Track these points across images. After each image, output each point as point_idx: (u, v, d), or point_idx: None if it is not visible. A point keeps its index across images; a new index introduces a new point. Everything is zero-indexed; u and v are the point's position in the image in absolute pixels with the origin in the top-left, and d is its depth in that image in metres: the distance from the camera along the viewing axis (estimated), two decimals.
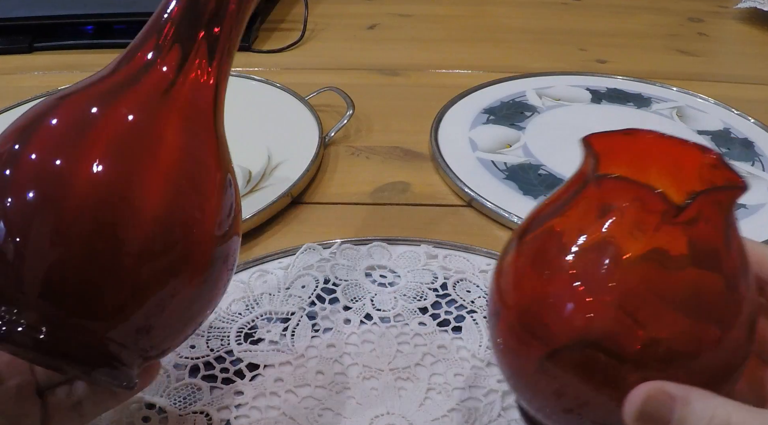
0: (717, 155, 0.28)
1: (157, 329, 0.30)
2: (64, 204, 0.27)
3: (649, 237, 0.25)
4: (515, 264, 0.30)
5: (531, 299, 0.28)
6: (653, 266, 0.26)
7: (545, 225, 0.29)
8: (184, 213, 0.29)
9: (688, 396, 0.25)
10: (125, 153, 0.29)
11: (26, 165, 0.28)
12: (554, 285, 0.27)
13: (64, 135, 0.28)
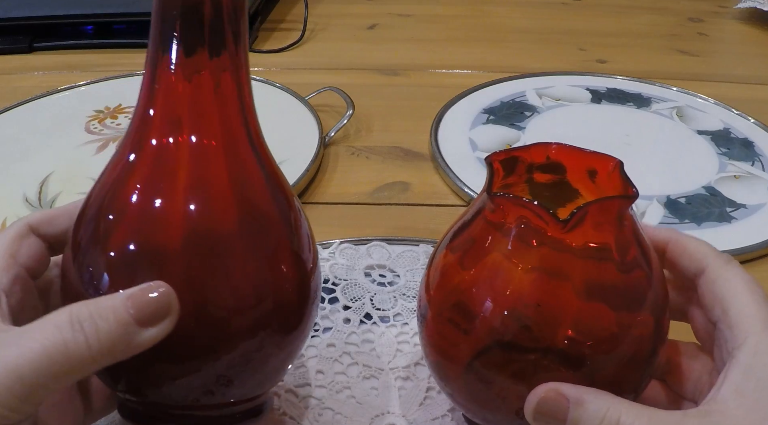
0: (616, 163, 0.31)
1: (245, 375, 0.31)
2: (163, 255, 0.28)
3: (542, 247, 0.28)
4: (437, 272, 0.32)
5: (451, 306, 0.30)
6: (546, 273, 0.28)
7: (455, 240, 0.32)
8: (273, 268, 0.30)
9: (581, 397, 0.27)
10: (207, 201, 0.29)
11: (126, 219, 0.28)
12: (465, 293, 0.30)
13: (156, 185, 0.29)
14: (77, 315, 0.25)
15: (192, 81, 0.28)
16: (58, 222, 0.32)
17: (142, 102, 0.30)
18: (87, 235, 0.29)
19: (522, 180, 0.33)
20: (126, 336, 0.25)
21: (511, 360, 0.29)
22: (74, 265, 0.29)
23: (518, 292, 0.28)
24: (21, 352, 0.24)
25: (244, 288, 0.29)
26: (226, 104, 0.29)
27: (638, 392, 0.31)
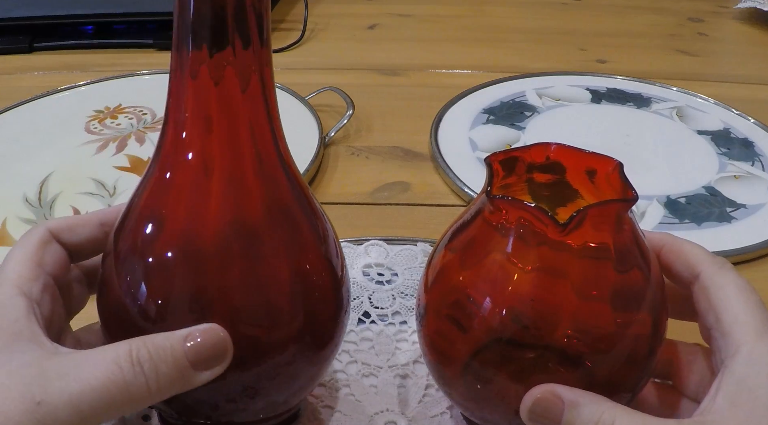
0: (616, 165, 0.31)
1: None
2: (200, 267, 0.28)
3: (540, 249, 0.28)
4: (436, 272, 0.32)
5: (450, 305, 0.31)
6: (544, 274, 0.28)
7: (454, 240, 0.32)
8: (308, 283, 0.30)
9: (577, 400, 0.27)
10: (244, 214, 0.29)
11: (166, 230, 0.29)
12: (463, 293, 0.30)
13: (192, 195, 0.29)
14: (137, 355, 0.25)
15: (220, 82, 0.28)
16: (80, 231, 0.32)
17: (172, 108, 0.29)
18: (128, 243, 0.29)
19: (521, 180, 0.33)
20: (182, 379, 0.26)
21: (509, 359, 0.29)
22: (116, 273, 0.29)
23: (516, 292, 0.29)
24: (82, 387, 0.24)
25: (281, 299, 0.29)
26: (254, 106, 0.29)
27: (635, 391, 0.31)
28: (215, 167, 0.28)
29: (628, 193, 0.29)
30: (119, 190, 0.56)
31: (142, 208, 0.29)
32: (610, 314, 0.29)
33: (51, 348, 0.26)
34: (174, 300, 0.28)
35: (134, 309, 0.28)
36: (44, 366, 0.25)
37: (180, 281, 0.28)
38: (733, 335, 0.28)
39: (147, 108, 0.69)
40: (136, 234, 0.29)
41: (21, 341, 0.26)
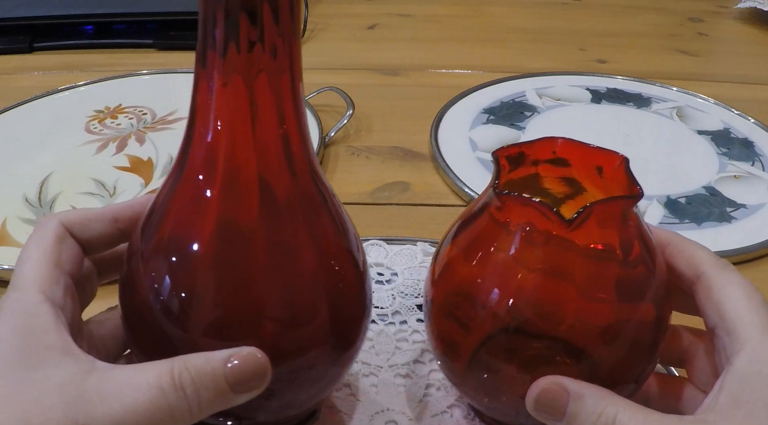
0: (622, 160, 0.31)
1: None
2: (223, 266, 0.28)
3: (546, 244, 0.28)
4: (443, 264, 0.33)
5: (456, 297, 0.31)
6: (549, 268, 0.29)
7: (461, 233, 0.32)
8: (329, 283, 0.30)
9: (581, 392, 0.27)
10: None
11: (194, 234, 0.28)
12: (470, 285, 0.31)
13: (216, 194, 0.28)
14: (179, 380, 0.25)
15: (249, 82, 0.27)
16: (93, 226, 0.31)
17: (199, 108, 0.28)
18: (156, 245, 0.29)
19: (528, 174, 0.34)
20: (222, 402, 0.26)
21: (515, 350, 0.30)
22: (143, 273, 0.29)
23: (522, 284, 0.29)
24: (125, 411, 0.24)
25: (307, 294, 0.29)
26: (281, 104, 0.28)
27: (639, 382, 0.31)
28: (243, 166, 0.28)
29: (634, 189, 0.29)
30: (119, 190, 0.56)
31: (170, 210, 0.29)
32: (615, 307, 0.29)
33: (87, 363, 0.26)
34: (202, 299, 0.28)
35: (161, 309, 0.28)
36: (84, 385, 0.24)
37: (210, 281, 0.28)
38: (737, 333, 0.28)
39: (147, 108, 0.69)
40: (164, 235, 0.29)
41: (55, 354, 0.25)
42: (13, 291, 0.27)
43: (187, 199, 0.29)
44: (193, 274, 0.28)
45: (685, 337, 0.33)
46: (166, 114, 0.67)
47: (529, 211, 0.28)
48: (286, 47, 0.27)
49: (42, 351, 0.25)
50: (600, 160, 0.32)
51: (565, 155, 0.33)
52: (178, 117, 0.67)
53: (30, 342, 0.25)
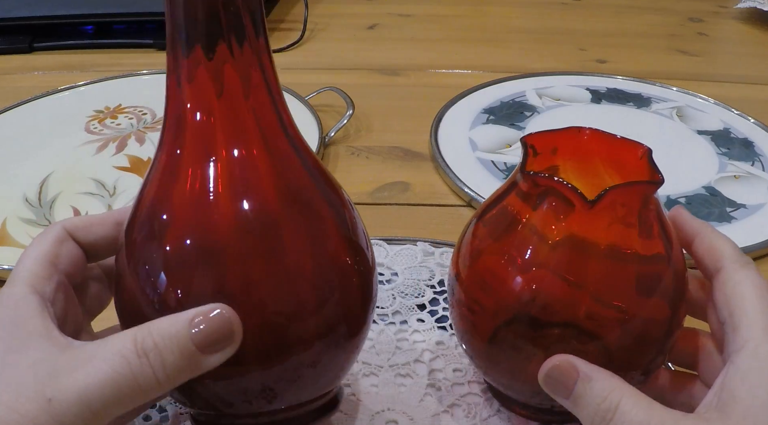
0: (645, 150, 0.32)
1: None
2: (218, 252, 0.27)
3: (569, 224, 0.29)
4: (468, 245, 0.34)
5: (478, 277, 0.33)
6: (572, 249, 0.30)
7: (488, 214, 0.33)
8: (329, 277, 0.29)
9: (590, 374, 0.28)
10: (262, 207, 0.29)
11: (179, 218, 0.28)
12: (495, 266, 0.32)
13: (205, 183, 0.28)
14: (142, 345, 0.25)
15: (217, 75, 0.28)
16: (96, 230, 0.31)
17: (171, 104, 0.29)
18: (141, 236, 0.28)
19: (554, 160, 0.35)
20: (190, 365, 0.26)
21: (532, 333, 0.31)
22: (130, 266, 0.28)
23: (544, 266, 0.30)
24: (89, 381, 0.24)
25: (304, 286, 0.28)
26: (258, 96, 0.29)
27: (649, 372, 0.32)
28: (221, 156, 0.28)
29: (655, 176, 0.30)
30: (119, 189, 0.56)
31: (151, 202, 0.29)
32: (631, 294, 0.30)
33: (64, 343, 0.26)
34: (189, 291, 0.27)
35: (149, 304, 0.28)
36: (56, 362, 0.25)
37: (194, 272, 0.27)
38: (741, 330, 0.28)
39: (147, 108, 0.69)
40: (146, 228, 0.28)
41: (34, 338, 0.26)
42: (7, 286, 0.28)
43: (165, 193, 0.28)
44: (178, 269, 0.27)
45: (699, 338, 0.33)
46: None
47: (554, 192, 0.29)
48: (252, 44, 0.28)
49: (23, 337, 0.26)
50: (624, 150, 0.33)
51: (591, 143, 0.34)
52: None
53: (13, 330, 0.26)
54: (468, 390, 0.38)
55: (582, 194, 0.28)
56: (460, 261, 0.34)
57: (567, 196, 0.29)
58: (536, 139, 0.33)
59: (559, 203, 0.30)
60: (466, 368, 0.40)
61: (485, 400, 0.38)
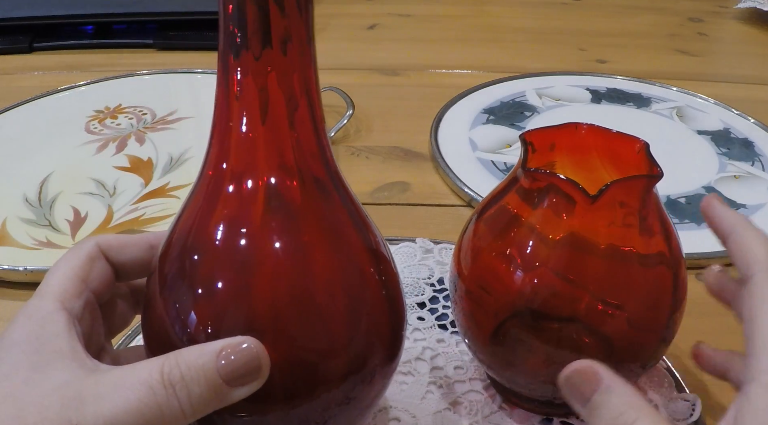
0: (642, 145, 0.32)
1: None
2: (252, 294, 0.27)
3: (570, 220, 0.30)
4: (469, 242, 0.34)
5: (479, 273, 0.33)
6: (573, 245, 0.30)
7: (488, 211, 0.34)
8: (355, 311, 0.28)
9: (612, 385, 0.26)
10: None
11: (213, 257, 0.27)
12: (497, 263, 0.32)
13: (241, 219, 0.27)
14: (169, 376, 0.24)
15: (263, 89, 0.26)
16: (129, 251, 0.31)
17: (218, 120, 0.27)
18: (175, 268, 0.28)
19: (553, 157, 0.35)
20: (216, 397, 0.25)
21: (536, 326, 0.31)
22: (161, 295, 0.28)
23: (545, 261, 0.30)
24: (115, 411, 0.24)
25: (337, 317, 0.28)
26: (302, 121, 0.27)
27: (648, 365, 0.33)
28: (261, 186, 0.27)
29: (654, 170, 0.30)
30: (119, 190, 0.56)
31: (187, 232, 0.28)
32: (632, 289, 0.30)
33: (91, 366, 0.26)
34: (220, 328, 0.27)
35: (178, 336, 0.27)
36: (82, 387, 0.24)
37: (225, 308, 0.27)
38: (758, 358, 0.26)
39: (147, 108, 0.69)
40: (180, 260, 0.28)
41: (61, 358, 0.25)
42: (35, 299, 0.28)
43: (203, 223, 0.27)
44: (211, 299, 0.27)
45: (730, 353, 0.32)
46: (166, 114, 0.67)
47: (555, 187, 0.30)
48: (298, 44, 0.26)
49: (49, 355, 0.25)
50: (622, 145, 0.33)
51: (589, 139, 0.34)
52: (178, 117, 0.67)
53: (39, 346, 0.26)
54: (469, 387, 0.38)
55: (584, 189, 0.29)
56: (462, 259, 0.34)
57: (568, 192, 0.29)
58: (534, 135, 0.33)
59: (560, 199, 0.30)
60: (467, 365, 0.40)
61: (487, 397, 0.38)
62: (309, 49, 0.26)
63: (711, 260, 0.49)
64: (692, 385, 0.38)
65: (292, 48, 0.25)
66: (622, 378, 0.27)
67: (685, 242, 0.33)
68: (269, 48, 0.25)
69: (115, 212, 0.53)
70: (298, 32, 0.25)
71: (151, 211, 0.53)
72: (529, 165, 0.32)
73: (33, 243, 0.49)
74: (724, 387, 0.39)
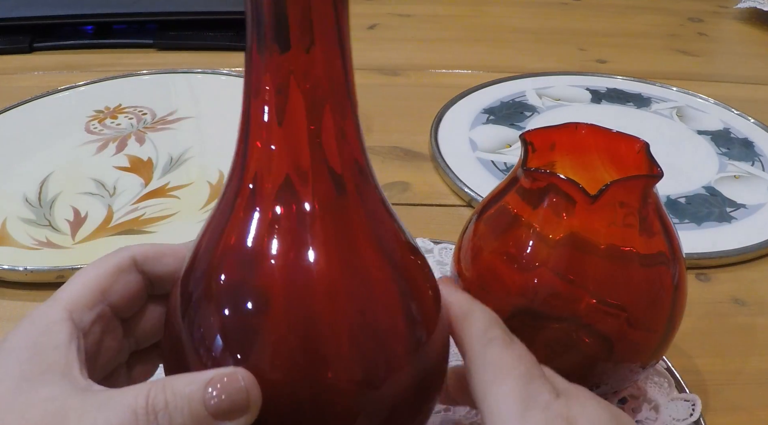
0: (642, 145, 0.33)
1: None
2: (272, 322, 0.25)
3: (570, 220, 0.30)
4: (469, 242, 0.34)
5: (479, 273, 0.33)
6: (573, 245, 0.30)
7: (488, 211, 0.34)
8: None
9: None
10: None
11: (237, 279, 0.25)
12: (497, 263, 0.32)
13: (268, 239, 0.25)
14: (153, 403, 0.23)
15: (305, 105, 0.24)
16: (166, 262, 0.29)
17: (252, 134, 0.25)
18: (199, 290, 0.26)
19: (553, 156, 0.35)
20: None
21: (536, 326, 0.31)
22: (184, 321, 0.26)
23: (545, 261, 0.30)
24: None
25: (397, 350, 0.25)
26: (348, 140, 0.25)
27: (648, 365, 0.33)
28: (304, 204, 0.25)
29: (654, 169, 0.30)
30: (119, 190, 0.56)
31: (213, 252, 0.26)
32: (633, 289, 0.31)
33: (82, 385, 0.25)
34: (246, 358, 0.25)
35: (200, 363, 0.25)
36: (67, 404, 0.24)
37: (248, 338, 0.25)
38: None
39: (147, 108, 0.69)
40: (205, 280, 0.26)
41: (53, 372, 0.25)
42: (45, 303, 0.27)
43: (235, 240, 0.25)
44: (231, 331, 0.25)
45: None
46: (166, 114, 0.67)
47: (555, 187, 0.30)
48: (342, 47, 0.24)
49: (43, 366, 0.25)
50: (622, 145, 0.33)
51: (589, 139, 0.34)
52: (178, 117, 0.67)
53: (35, 356, 0.25)
54: None
55: (584, 189, 0.29)
56: (462, 259, 0.34)
57: (568, 192, 0.29)
58: (535, 135, 0.33)
59: (560, 199, 0.30)
60: None
61: None
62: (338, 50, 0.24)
63: (711, 260, 0.49)
64: (692, 385, 0.38)
65: (315, 49, 0.23)
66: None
67: (685, 242, 0.33)
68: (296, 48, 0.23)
69: (115, 212, 0.53)
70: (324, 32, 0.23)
71: (151, 211, 0.53)
72: (529, 165, 0.32)
73: (33, 243, 0.49)
74: (724, 387, 0.40)
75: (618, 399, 0.37)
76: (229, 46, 0.82)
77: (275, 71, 0.24)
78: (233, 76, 0.73)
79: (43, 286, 0.46)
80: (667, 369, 0.39)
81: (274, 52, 0.23)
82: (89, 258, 0.46)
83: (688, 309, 0.34)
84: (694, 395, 0.37)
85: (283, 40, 0.23)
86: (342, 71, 0.24)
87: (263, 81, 0.24)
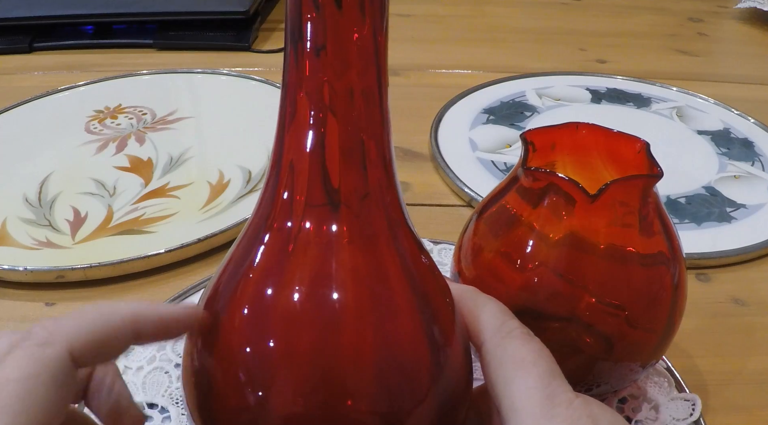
0: (643, 144, 0.33)
1: None
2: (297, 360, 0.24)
3: (570, 220, 0.30)
4: (469, 241, 0.34)
5: (479, 273, 0.33)
6: (573, 245, 0.30)
7: (488, 211, 0.34)
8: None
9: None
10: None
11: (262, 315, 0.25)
12: (495, 263, 0.32)
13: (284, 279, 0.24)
14: None
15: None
16: (106, 352, 0.24)
17: (285, 156, 0.25)
18: (219, 321, 0.25)
19: (553, 156, 0.35)
20: None
21: (536, 326, 0.30)
22: (204, 351, 0.25)
23: (545, 261, 0.30)
24: None
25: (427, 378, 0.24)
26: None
27: (648, 364, 0.33)
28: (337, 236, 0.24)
29: (654, 169, 0.30)
30: (119, 190, 0.56)
31: (239, 276, 0.25)
32: (633, 289, 0.30)
33: None
34: (269, 395, 0.24)
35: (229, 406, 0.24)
36: None
37: (274, 377, 0.24)
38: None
39: (147, 108, 0.69)
40: (232, 305, 0.25)
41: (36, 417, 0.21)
42: (45, 345, 0.23)
43: (265, 274, 0.25)
44: (268, 362, 0.24)
45: None
46: (166, 114, 0.67)
47: (555, 187, 0.30)
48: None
49: (28, 408, 0.21)
50: (623, 144, 0.33)
51: (589, 139, 0.34)
52: (178, 117, 0.67)
53: (25, 396, 0.21)
54: None
55: (584, 189, 0.29)
56: (462, 259, 0.34)
57: (568, 192, 0.29)
58: (535, 135, 0.33)
59: (560, 199, 0.30)
60: None
61: None
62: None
63: (711, 260, 0.49)
64: (692, 385, 0.38)
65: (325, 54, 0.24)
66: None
67: (685, 242, 0.33)
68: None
69: (115, 212, 0.53)
70: None
71: (151, 210, 0.53)
72: (529, 164, 0.32)
73: (33, 243, 0.49)
74: (724, 387, 0.40)
75: (618, 399, 0.37)
76: (229, 46, 0.82)
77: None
78: (233, 76, 0.73)
79: (43, 286, 0.46)
80: (667, 368, 0.39)
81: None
82: (89, 258, 0.47)
83: (688, 309, 0.34)
84: (694, 395, 0.37)
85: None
86: (378, 99, 0.25)
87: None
